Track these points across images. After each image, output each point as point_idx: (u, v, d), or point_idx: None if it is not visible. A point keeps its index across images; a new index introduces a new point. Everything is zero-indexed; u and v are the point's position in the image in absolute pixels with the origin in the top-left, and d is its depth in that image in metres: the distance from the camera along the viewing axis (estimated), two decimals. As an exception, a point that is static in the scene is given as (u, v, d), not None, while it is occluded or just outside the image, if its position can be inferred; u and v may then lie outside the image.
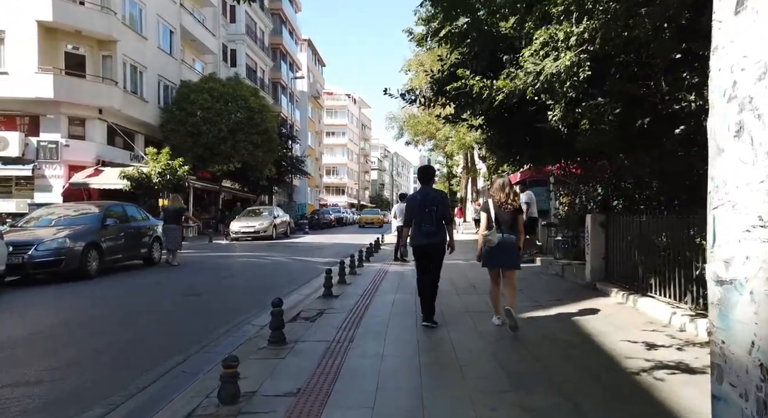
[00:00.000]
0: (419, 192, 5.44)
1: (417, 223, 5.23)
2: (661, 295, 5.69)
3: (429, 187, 5.46)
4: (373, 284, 8.61)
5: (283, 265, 12.31)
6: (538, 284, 8.18)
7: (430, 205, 5.14)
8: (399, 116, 24.36)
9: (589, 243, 7.54)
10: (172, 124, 23.51)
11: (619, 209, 8.81)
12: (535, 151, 6.89)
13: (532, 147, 6.80)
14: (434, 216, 5.13)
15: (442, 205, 5.24)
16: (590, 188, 9.41)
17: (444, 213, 5.25)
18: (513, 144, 6.73)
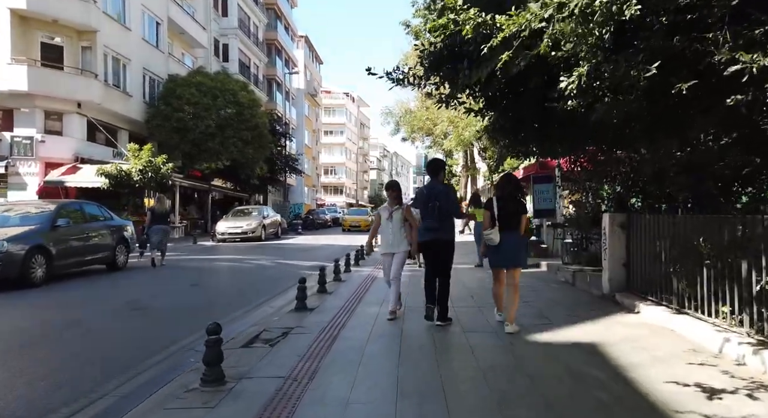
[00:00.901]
0: (426, 186, 5.46)
1: (422, 218, 5.31)
2: (705, 313, 4.60)
3: (436, 181, 5.36)
4: (357, 293, 7.53)
5: (262, 270, 11.22)
6: (546, 294, 7.09)
7: (433, 200, 5.08)
8: (395, 111, 23.29)
9: (606, 247, 6.46)
10: (157, 120, 22.43)
11: (637, 207, 7.75)
12: (544, 138, 5.80)
13: (540, 134, 5.71)
14: (437, 211, 5.06)
15: (446, 200, 5.12)
16: (604, 184, 8.33)
17: (448, 207, 5.13)
18: (519, 129, 5.64)
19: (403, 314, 5.85)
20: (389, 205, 5.57)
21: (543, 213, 11.93)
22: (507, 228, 4.86)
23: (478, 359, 4.07)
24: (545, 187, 11.87)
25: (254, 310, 6.61)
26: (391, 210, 5.49)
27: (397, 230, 5.48)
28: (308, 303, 6.44)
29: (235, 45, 33.51)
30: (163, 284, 8.98)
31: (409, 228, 5.51)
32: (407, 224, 5.52)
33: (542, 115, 5.36)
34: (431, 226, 5.13)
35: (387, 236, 5.50)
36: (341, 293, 7.56)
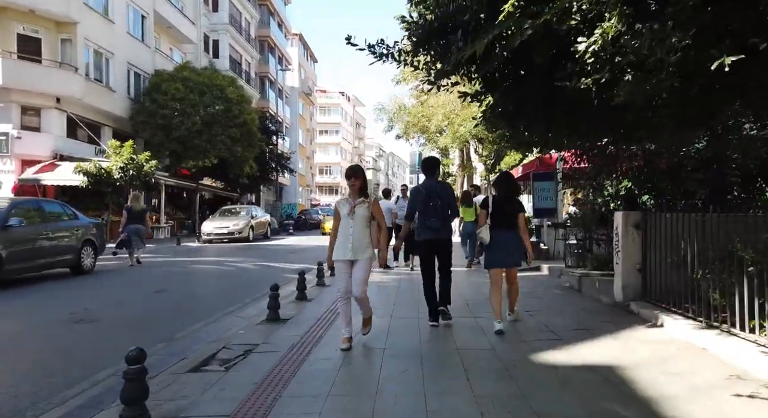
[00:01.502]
0: (423, 185, 5.19)
1: (422, 217, 5.05)
2: (744, 329, 3.86)
3: (433, 180, 5.18)
4: (337, 302, 6.75)
5: (242, 273, 10.43)
6: (550, 302, 6.34)
7: (434, 199, 4.95)
8: (388, 107, 22.51)
9: (619, 250, 5.71)
10: (142, 116, 21.58)
11: (649, 205, 7.04)
12: (550, 125, 5.04)
13: (545, 120, 4.95)
14: (439, 210, 4.96)
15: (448, 199, 5.05)
16: (613, 180, 7.60)
17: (451, 207, 5.07)
18: (521, 113, 4.87)
19: (386, 330, 5.08)
20: (351, 198, 4.33)
21: (543, 212, 11.21)
22: (505, 227, 4.79)
23: (473, 388, 3.31)
24: (546, 185, 11.13)
25: (220, 320, 5.84)
26: (353, 204, 4.28)
27: (360, 230, 4.24)
28: (283, 313, 5.68)
29: (225, 41, 32.68)
30: (127, 290, 8.17)
31: (377, 230, 4.35)
32: (374, 223, 4.34)
33: (548, 98, 4.61)
34: (433, 225, 4.99)
35: (346, 237, 4.24)
36: (322, 300, 6.79)
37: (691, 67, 3.56)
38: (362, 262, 4.27)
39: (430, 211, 4.99)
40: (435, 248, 5.12)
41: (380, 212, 4.38)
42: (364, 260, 4.27)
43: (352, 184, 4.29)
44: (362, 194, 4.33)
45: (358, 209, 4.27)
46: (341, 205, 4.36)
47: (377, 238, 4.36)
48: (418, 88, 23.91)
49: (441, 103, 18.65)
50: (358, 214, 4.26)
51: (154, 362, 4.18)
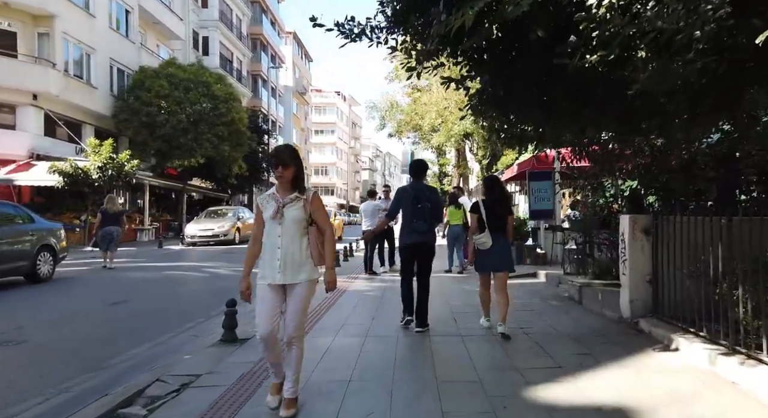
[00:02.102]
0: (411, 186, 5.08)
1: (407, 219, 4.95)
2: (785, 361, 3.16)
3: (421, 183, 5.13)
4: (314, 315, 6.04)
5: (215, 281, 9.70)
6: (547, 317, 5.63)
7: (423, 202, 4.87)
8: (380, 105, 21.76)
9: (626, 258, 5.01)
10: (125, 114, 20.83)
11: (656, 207, 6.36)
12: (546, 111, 4.33)
13: (541, 104, 4.23)
14: (428, 213, 4.86)
15: (438, 202, 4.99)
16: (616, 179, 6.92)
17: (437, 211, 5.02)
18: (513, 97, 4.16)
19: (358, 353, 4.36)
20: (278, 193, 3.00)
21: (540, 214, 10.52)
22: (496, 231, 4.73)
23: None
24: (543, 185, 10.44)
25: (171, 340, 5.11)
26: (282, 202, 2.94)
27: (293, 240, 2.94)
28: (243, 330, 4.96)
29: (215, 38, 31.93)
30: (80, 302, 7.41)
31: (319, 239, 3.02)
32: (313, 230, 3.00)
33: (546, 78, 3.90)
34: (420, 228, 4.88)
35: (273, 250, 2.94)
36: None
37: (725, 42, 2.86)
38: (299, 287, 2.94)
39: (417, 213, 4.87)
40: (419, 251, 5.00)
41: (324, 213, 3.06)
42: (302, 283, 2.94)
43: (280, 176, 2.96)
44: (295, 188, 2.99)
45: (289, 210, 2.94)
46: (265, 202, 3.02)
47: (319, 251, 2.99)
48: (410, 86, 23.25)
49: (434, 100, 17.96)
50: (290, 216, 2.94)
51: (69, 399, 3.47)
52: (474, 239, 4.79)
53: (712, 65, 2.78)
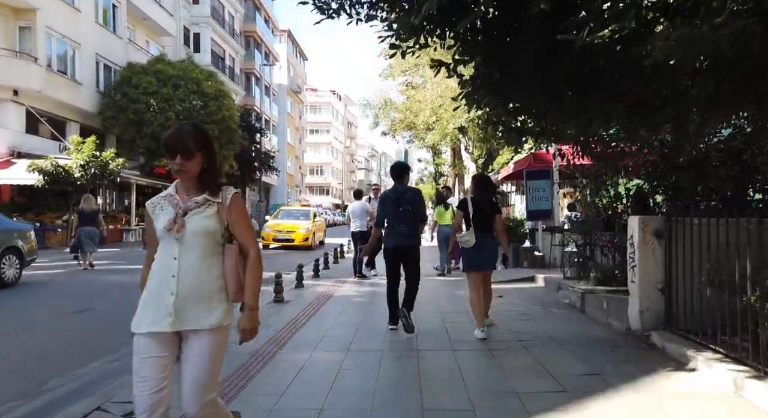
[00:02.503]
0: (392, 190, 5.14)
1: (390, 223, 4.98)
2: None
3: (403, 185, 5.13)
4: (292, 325, 5.54)
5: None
6: (547, 328, 5.14)
7: (404, 204, 4.88)
8: (373, 102, 21.25)
9: (635, 264, 4.53)
10: (111, 112, 20.24)
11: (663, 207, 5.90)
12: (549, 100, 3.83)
13: (543, 92, 3.74)
14: (410, 216, 4.88)
15: (419, 205, 4.99)
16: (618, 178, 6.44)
17: (420, 213, 5.03)
18: (512, 85, 3.66)
19: (335, 373, 3.86)
20: (178, 195, 2.08)
21: (538, 215, 10.04)
22: (484, 230, 4.73)
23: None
24: (541, 184, 9.97)
25: (126, 357, 4.58)
26: (182, 207, 2.02)
27: (197, 262, 2.00)
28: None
29: (207, 34, 31.36)
30: (42, 309, 6.84)
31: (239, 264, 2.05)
32: (232, 249, 2.05)
33: (549, 64, 3.41)
34: (402, 231, 4.88)
35: (163, 279, 1.99)
36: (271, 323, 5.56)
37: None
38: (204, 337, 1.96)
39: (399, 216, 4.86)
40: (402, 254, 4.99)
41: (246, 223, 2.10)
42: (208, 331, 1.96)
43: (179, 169, 2.01)
44: (205, 187, 2.05)
45: (193, 219, 2.00)
46: (157, 211, 2.07)
47: (238, 280, 2.02)
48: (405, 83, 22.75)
49: (429, 98, 17.46)
50: (194, 228, 1.99)
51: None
52: (458, 237, 4.79)
53: (751, 27, 2.29)
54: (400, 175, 5.16)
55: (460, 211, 4.85)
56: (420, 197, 5.08)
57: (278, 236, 16.17)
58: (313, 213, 17.55)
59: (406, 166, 5.41)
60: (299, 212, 17.93)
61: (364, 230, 9.35)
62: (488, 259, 4.84)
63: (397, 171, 5.20)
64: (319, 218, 17.73)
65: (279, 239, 16.09)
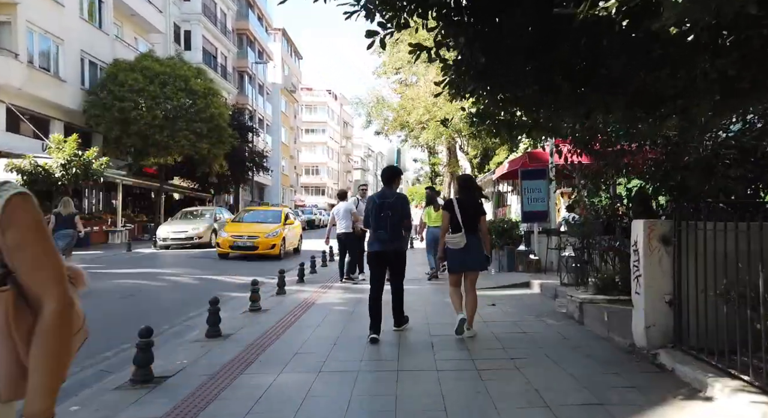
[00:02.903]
0: (378, 194, 5.07)
1: (373, 227, 4.94)
2: None
3: (389, 190, 5.08)
4: (265, 338, 5.05)
5: (172, 291, 8.69)
6: (544, 344, 4.66)
7: (386, 210, 4.85)
8: (365, 100, 20.73)
9: (640, 274, 4.06)
10: (96, 110, 19.68)
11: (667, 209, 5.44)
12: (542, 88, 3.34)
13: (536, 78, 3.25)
14: (390, 221, 4.84)
15: (401, 211, 4.92)
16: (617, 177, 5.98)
17: (402, 218, 4.96)
18: (500, 69, 3.18)
19: (303, 396, 3.37)
20: None
21: (533, 216, 9.58)
22: (469, 231, 4.74)
23: None
24: (537, 185, 9.51)
25: (74, 376, 4.09)
26: None
27: None
28: (166, 365, 3.99)
29: (198, 32, 30.81)
30: None
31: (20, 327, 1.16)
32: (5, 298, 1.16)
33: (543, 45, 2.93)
34: (381, 236, 4.87)
35: None
36: (242, 337, 5.07)
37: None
38: None
39: (380, 222, 4.85)
40: (384, 260, 4.98)
41: (41, 251, 1.19)
42: None
43: None
44: None
45: None
46: None
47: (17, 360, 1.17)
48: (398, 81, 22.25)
49: (422, 95, 16.97)
50: None
51: None
52: (447, 238, 4.77)
53: None
54: (391, 179, 5.14)
55: (447, 212, 4.83)
56: (404, 204, 5.06)
57: (237, 242, 13.47)
58: (284, 215, 14.94)
59: (397, 171, 5.36)
60: (267, 214, 15.70)
61: (349, 232, 8.89)
62: (470, 261, 4.83)
63: (387, 175, 5.17)
64: (294, 219, 15.68)
65: (238, 246, 13.43)
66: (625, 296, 5.32)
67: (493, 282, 8.49)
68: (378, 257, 4.96)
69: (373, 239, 4.99)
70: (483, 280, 9.28)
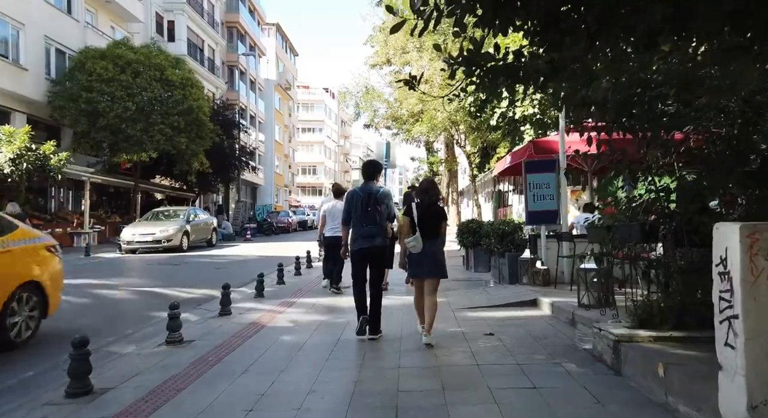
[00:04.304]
0: (361, 189, 4.99)
1: (357, 224, 4.88)
2: None
3: (372, 185, 4.98)
4: (151, 399, 3.38)
5: (77, 313, 7.05)
6: (560, 409, 3.01)
7: (373, 204, 4.82)
8: (353, 90, 19.03)
9: (736, 313, 2.40)
10: (60, 101, 18.08)
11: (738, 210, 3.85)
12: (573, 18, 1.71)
13: None
14: (377, 216, 4.82)
15: (387, 205, 4.90)
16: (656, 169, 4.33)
17: (389, 213, 4.94)
18: None
19: None
20: None
21: (540, 217, 7.92)
22: (429, 236, 4.64)
23: None
24: (544, 179, 7.86)
25: None
26: None
27: None
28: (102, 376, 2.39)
29: (182, 22, 29.21)
30: None
31: None
32: None
33: None
34: (369, 232, 4.81)
35: None
36: (117, 399, 3.40)
37: None
38: None
39: (366, 217, 4.80)
40: (369, 257, 4.86)
41: None
42: None
43: None
44: None
45: None
46: None
47: None
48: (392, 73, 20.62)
49: (415, 83, 15.31)
50: None
51: None
52: (405, 242, 4.67)
53: None
54: (373, 174, 5.04)
55: (407, 216, 4.69)
56: (388, 198, 4.98)
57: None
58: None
59: (378, 165, 5.24)
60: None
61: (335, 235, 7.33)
62: (432, 266, 4.68)
63: (369, 170, 5.06)
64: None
65: None
66: (679, 333, 3.68)
67: (492, 298, 6.85)
68: (363, 253, 4.84)
69: (358, 236, 4.84)
70: (479, 295, 7.67)
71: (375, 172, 5.07)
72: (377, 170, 5.12)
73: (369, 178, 5.02)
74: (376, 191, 4.85)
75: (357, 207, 4.81)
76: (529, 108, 12.03)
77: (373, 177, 5.03)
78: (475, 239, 9.92)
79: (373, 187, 4.92)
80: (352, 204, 4.88)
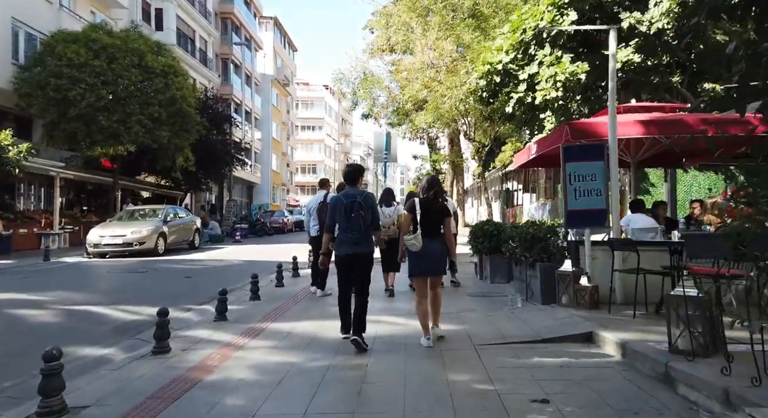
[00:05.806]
0: (344, 194, 4.87)
1: (341, 230, 4.77)
2: None
3: (356, 189, 4.89)
4: None
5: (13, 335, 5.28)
6: None
7: (357, 210, 4.69)
8: (349, 76, 17.21)
9: None
10: (27, 87, 16.35)
11: None
12: None
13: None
14: (362, 222, 4.68)
15: (372, 210, 4.78)
16: None
17: (373, 219, 4.78)
18: None
19: None
20: None
21: (584, 218, 6.13)
22: (431, 234, 4.61)
23: None
24: (590, 168, 6.09)
25: None
26: None
27: None
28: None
29: (171, 10, 27.50)
30: None
31: None
32: None
33: None
34: (354, 238, 4.65)
35: None
36: None
37: None
38: None
39: (352, 223, 4.67)
40: (352, 263, 4.69)
41: None
42: None
43: None
44: None
45: None
46: None
47: None
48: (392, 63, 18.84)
49: (418, 66, 13.51)
50: None
51: None
52: (405, 240, 4.59)
53: None
54: (355, 178, 4.93)
55: (409, 213, 4.65)
56: (374, 203, 4.81)
57: None
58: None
59: (360, 169, 5.10)
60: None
61: None
62: (432, 264, 4.63)
63: (351, 174, 4.93)
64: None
65: None
66: None
67: (526, 327, 5.07)
68: (346, 259, 4.68)
69: (343, 241, 4.69)
70: (508, 321, 5.38)
71: (357, 176, 4.94)
72: (359, 173, 4.98)
73: (351, 182, 4.90)
74: (360, 196, 4.70)
75: (341, 213, 4.67)
76: (551, 91, 10.27)
77: (355, 181, 4.91)
78: (493, 244, 8.17)
79: (357, 192, 4.78)
80: (335, 210, 4.74)
